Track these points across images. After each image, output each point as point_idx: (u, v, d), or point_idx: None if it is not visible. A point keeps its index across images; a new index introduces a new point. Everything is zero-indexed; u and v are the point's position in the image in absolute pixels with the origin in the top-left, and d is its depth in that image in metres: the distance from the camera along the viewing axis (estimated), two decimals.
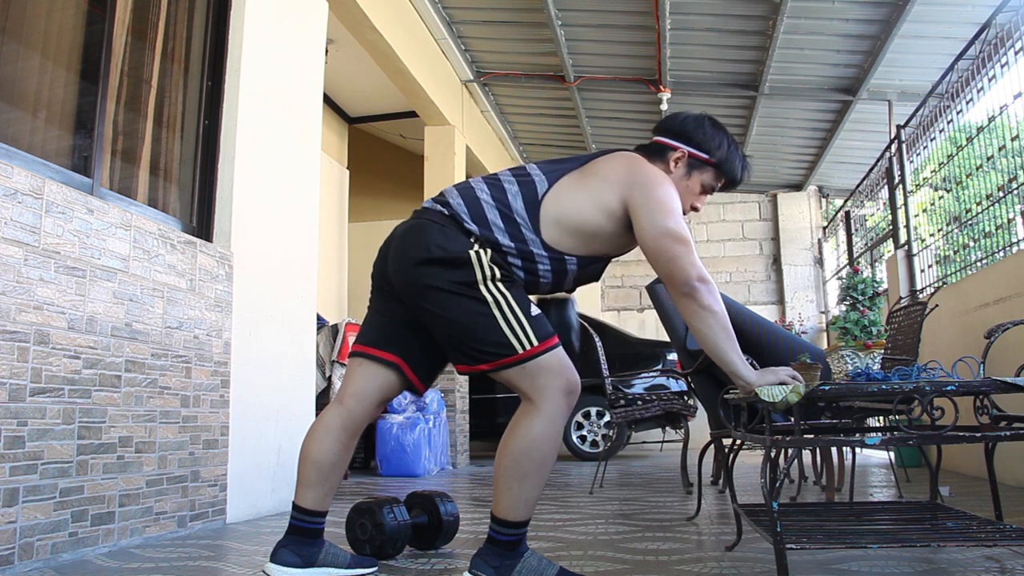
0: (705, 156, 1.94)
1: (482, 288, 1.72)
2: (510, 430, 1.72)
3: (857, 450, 4.51)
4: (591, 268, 1.91)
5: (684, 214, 1.91)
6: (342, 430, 1.91)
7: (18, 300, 2.11)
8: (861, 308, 5.94)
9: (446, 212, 1.81)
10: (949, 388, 1.68)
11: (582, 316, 6.91)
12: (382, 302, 1.93)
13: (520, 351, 1.70)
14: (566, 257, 1.82)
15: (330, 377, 5.15)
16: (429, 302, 1.74)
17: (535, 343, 1.71)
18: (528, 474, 1.68)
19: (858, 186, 7.61)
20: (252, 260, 3.28)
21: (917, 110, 5.57)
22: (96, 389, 2.37)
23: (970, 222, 4.79)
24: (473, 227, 1.77)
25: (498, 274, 1.74)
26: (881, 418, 3.52)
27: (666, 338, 6.65)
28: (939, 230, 5.35)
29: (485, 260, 1.73)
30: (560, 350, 1.76)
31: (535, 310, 1.76)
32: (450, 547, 2.37)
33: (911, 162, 5.81)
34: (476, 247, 1.75)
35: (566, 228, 1.80)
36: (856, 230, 8.10)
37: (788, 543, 1.66)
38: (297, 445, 2.10)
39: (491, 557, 1.69)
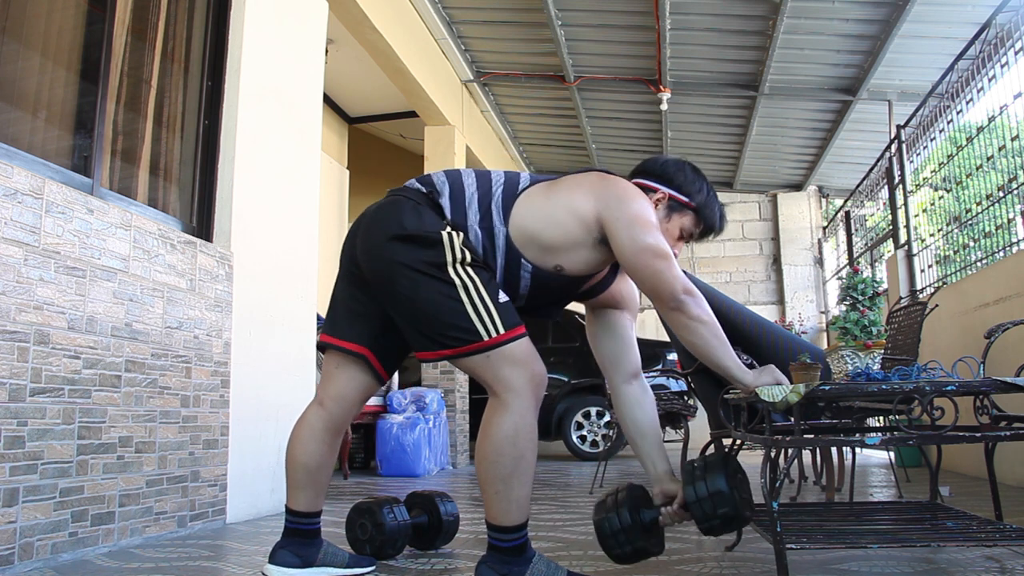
0: (685, 200, 1.91)
1: (451, 270, 1.69)
2: (482, 432, 1.69)
3: (857, 450, 4.51)
4: (547, 288, 1.84)
5: None
6: (325, 431, 1.90)
7: (18, 300, 2.11)
8: (861, 308, 5.92)
9: (424, 190, 1.80)
10: (949, 388, 1.68)
11: (581, 316, 6.91)
12: (348, 287, 1.91)
13: (485, 338, 1.66)
14: (523, 260, 1.78)
15: None
16: (396, 280, 1.71)
17: (501, 331, 1.67)
18: (510, 473, 1.65)
19: (858, 186, 7.61)
20: (252, 260, 3.28)
21: (917, 110, 5.57)
22: (96, 389, 2.37)
23: (970, 222, 4.79)
24: (446, 203, 1.76)
25: (468, 257, 1.71)
26: (881, 418, 3.51)
27: (666, 338, 6.64)
28: (939, 230, 5.35)
29: (457, 242, 1.71)
30: (526, 340, 1.71)
31: (503, 297, 1.73)
32: (450, 547, 2.37)
33: (911, 162, 5.81)
34: (448, 228, 1.73)
35: (529, 226, 1.76)
36: (856, 230, 8.10)
37: (788, 543, 1.66)
38: None
39: (497, 564, 1.66)
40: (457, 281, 1.68)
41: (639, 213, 1.75)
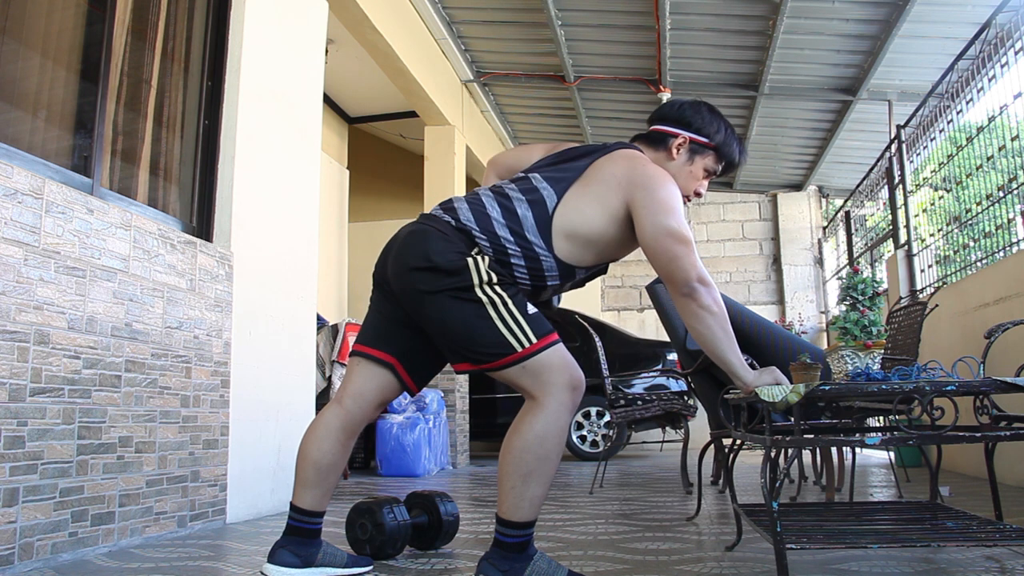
0: (705, 140, 1.96)
1: (478, 291, 1.71)
2: (514, 428, 1.71)
3: (857, 450, 4.51)
4: (594, 271, 1.94)
5: (688, 200, 1.93)
6: (341, 431, 1.91)
7: (18, 300, 2.11)
8: (861, 308, 5.92)
9: (453, 224, 1.80)
10: (949, 388, 1.68)
11: (582, 316, 6.90)
12: (382, 301, 1.94)
13: (519, 349, 1.69)
14: (578, 269, 1.85)
15: (330, 377, 5.15)
16: (426, 307, 1.75)
17: (534, 340, 1.71)
18: (532, 472, 1.67)
19: (858, 186, 7.61)
20: (252, 260, 3.28)
21: (917, 110, 5.57)
22: (96, 389, 2.37)
23: (970, 222, 4.79)
24: (483, 239, 1.77)
25: (495, 278, 1.74)
26: (881, 418, 3.52)
27: (666, 338, 6.65)
28: (939, 230, 5.35)
29: (483, 266, 1.73)
30: (561, 346, 1.75)
31: (532, 308, 1.76)
32: (450, 547, 2.37)
33: (911, 162, 5.81)
34: (474, 254, 1.75)
35: (577, 241, 1.81)
36: (856, 230, 8.10)
37: (788, 543, 1.66)
38: (297, 445, 2.12)
39: (499, 560, 1.67)
40: (484, 299, 1.71)
41: (664, 199, 1.78)
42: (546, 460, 1.68)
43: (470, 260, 1.73)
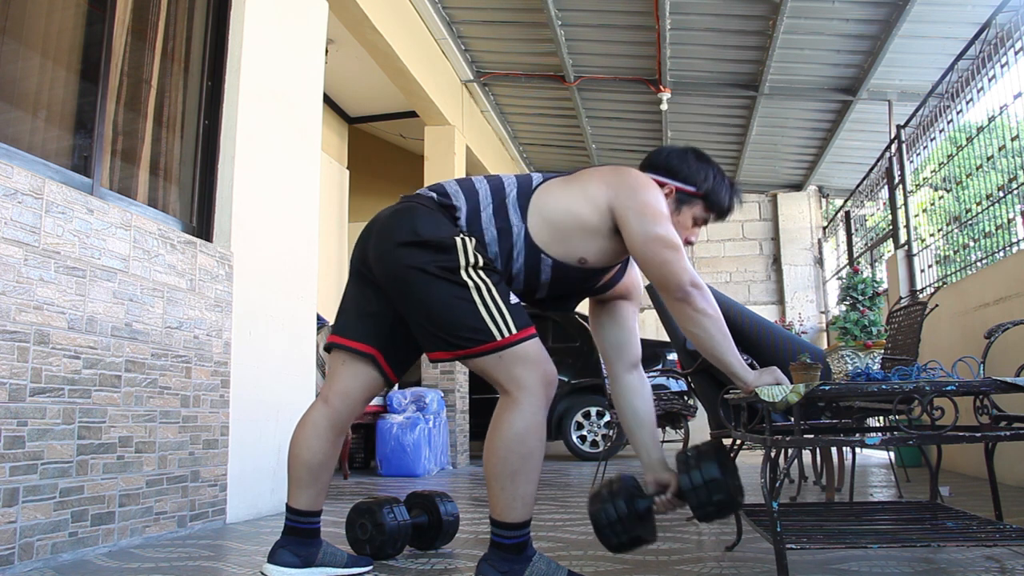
0: (691, 190, 1.92)
1: (463, 273, 1.71)
2: (492, 428, 1.71)
3: (857, 450, 4.51)
4: (566, 281, 1.87)
5: None
6: (329, 429, 1.91)
7: (18, 300, 2.11)
8: (861, 308, 5.93)
9: (435, 197, 1.82)
10: (949, 388, 1.68)
11: (581, 316, 6.90)
12: (359, 289, 1.92)
13: (498, 338, 1.68)
14: (543, 256, 1.80)
15: None
16: (409, 284, 1.73)
17: (513, 331, 1.70)
18: (518, 470, 1.67)
19: (858, 186, 7.61)
20: (252, 260, 3.28)
21: (917, 110, 5.57)
22: (96, 389, 2.37)
23: (970, 222, 4.79)
24: (461, 213, 1.78)
25: (480, 261, 1.73)
26: (881, 418, 3.52)
27: (666, 338, 6.64)
28: (939, 230, 5.35)
29: (470, 247, 1.73)
30: (537, 340, 1.74)
31: (514, 299, 1.76)
32: (450, 547, 2.37)
33: (911, 162, 5.81)
34: (461, 234, 1.75)
35: (549, 219, 1.79)
36: (856, 230, 8.10)
37: (788, 543, 1.66)
38: None
39: (498, 562, 1.67)
40: (470, 283, 1.70)
41: (650, 203, 1.77)
42: (530, 457, 1.68)
43: (459, 240, 1.73)
